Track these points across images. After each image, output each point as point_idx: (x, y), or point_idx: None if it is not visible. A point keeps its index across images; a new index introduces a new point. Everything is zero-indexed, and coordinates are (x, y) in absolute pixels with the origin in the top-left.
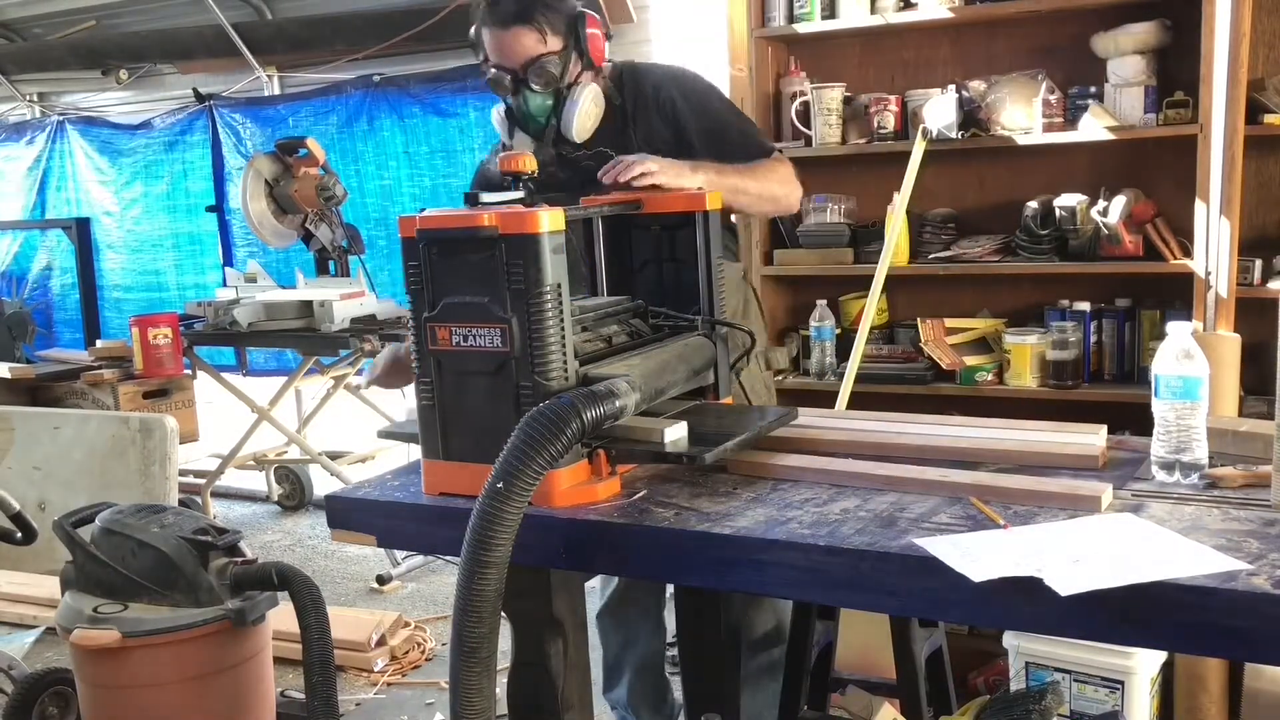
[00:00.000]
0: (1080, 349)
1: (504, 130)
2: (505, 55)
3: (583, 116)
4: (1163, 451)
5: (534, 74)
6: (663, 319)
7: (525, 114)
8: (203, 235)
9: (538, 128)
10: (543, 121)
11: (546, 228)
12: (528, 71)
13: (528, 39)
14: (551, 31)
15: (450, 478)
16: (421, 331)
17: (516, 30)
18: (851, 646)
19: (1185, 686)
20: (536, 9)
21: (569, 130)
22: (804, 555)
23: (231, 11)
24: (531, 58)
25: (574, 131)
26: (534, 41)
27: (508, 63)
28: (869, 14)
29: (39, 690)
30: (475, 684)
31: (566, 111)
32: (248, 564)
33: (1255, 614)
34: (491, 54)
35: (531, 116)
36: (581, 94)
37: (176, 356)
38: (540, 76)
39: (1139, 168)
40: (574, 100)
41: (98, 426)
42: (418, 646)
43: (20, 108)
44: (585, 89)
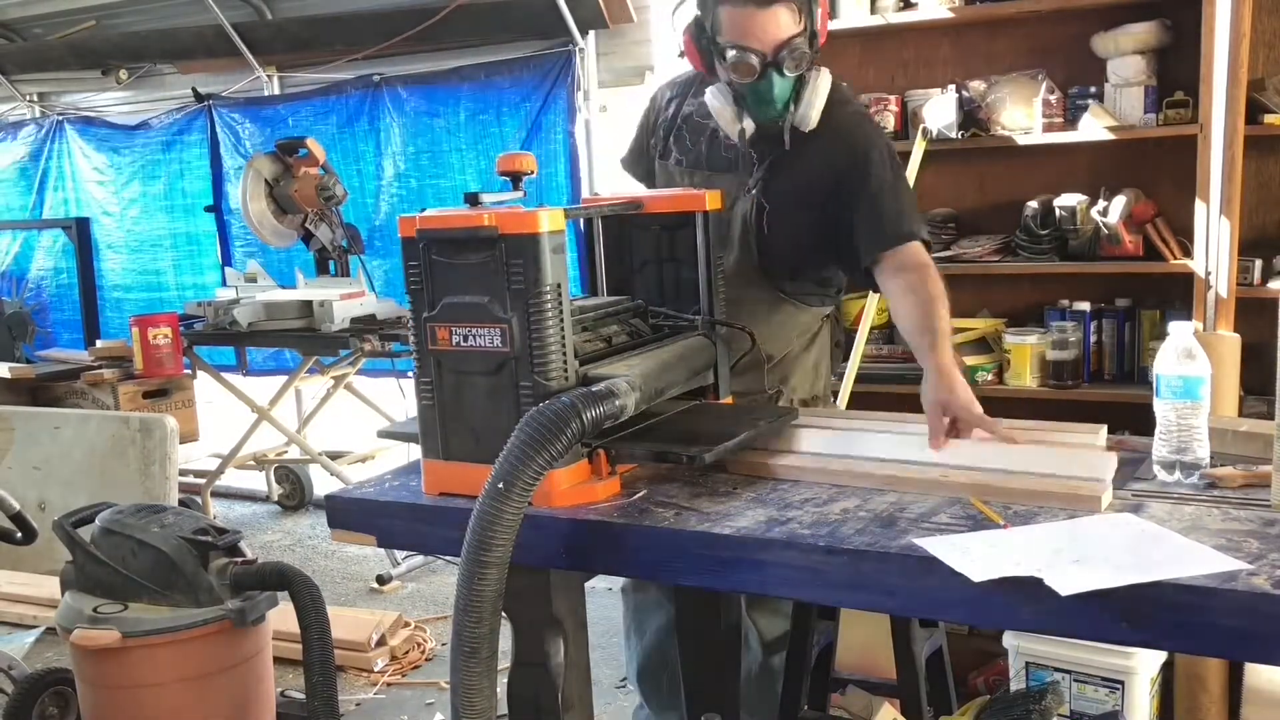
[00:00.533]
0: (1080, 349)
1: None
2: (757, 36)
3: (818, 106)
4: (1164, 451)
5: (788, 58)
6: (663, 319)
7: (767, 99)
8: (202, 235)
9: (774, 115)
10: (780, 109)
11: (546, 228)
12: (779, 54)
13: (785, 18)
14: (802, 10)
15: (450, 478)
16: (421, 331)
17: (776, 9)
18: (851, 646)
19: (1185, 686)
20: None
21: (805, 120)
22: (804, 555)
23: (231, 11)
24: (785, 39)
25: (810, 121)
26: (790, 21)
27: (757, 44)
28: (869, 14)
29: (39, 690)
30: (476, 684)
31: (806, 100)
32: (248, 564)
33: (1255, 614)
34: (736, 33)
35: (774, 102)
36: (820, 82)
37: (176, 356)
38: (794, 59)
39: (1139, 168)
40: (814, 88)
41: (98, 426)
42: (418, 646)
43: (20, 108)
44: (822, 75)
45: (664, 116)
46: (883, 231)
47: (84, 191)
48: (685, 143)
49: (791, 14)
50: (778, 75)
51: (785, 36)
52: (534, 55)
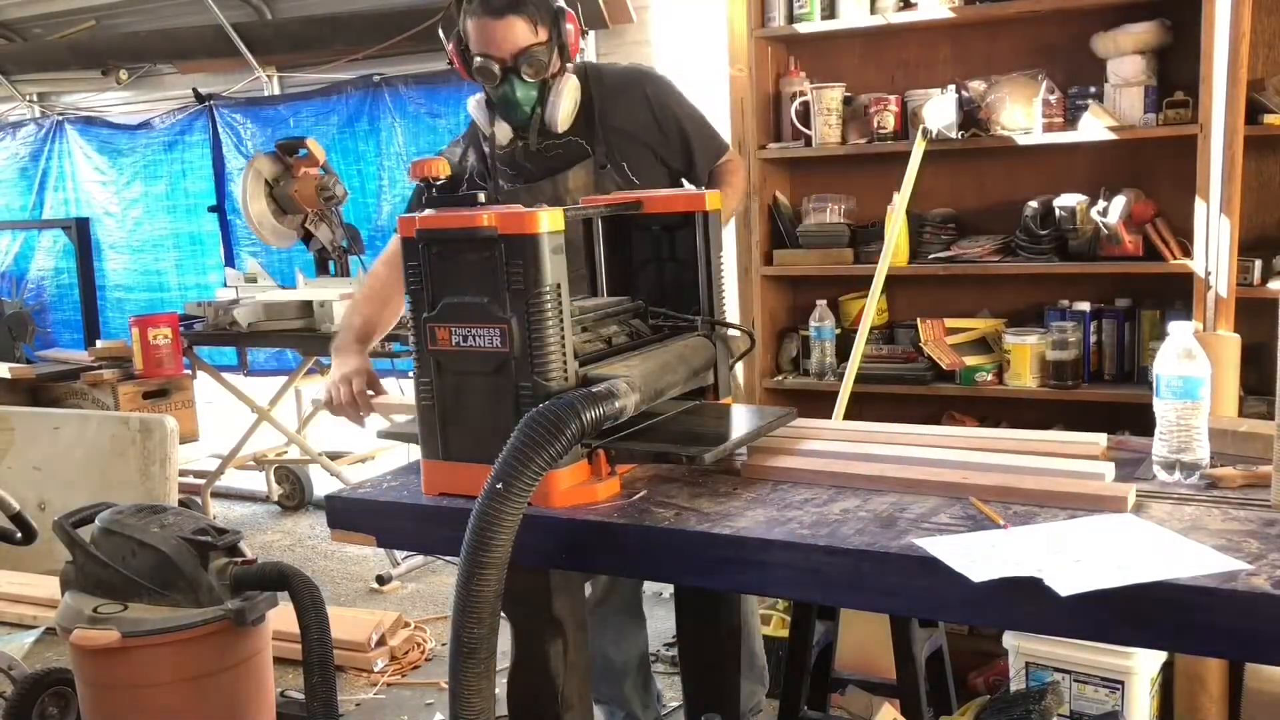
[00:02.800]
0: (1080, 349)
1: (484, 119)
2: (496, 45)
3: (566, 106)
4: (1164, 451)
5: (525, 63)
6: (662, 319)
7: (511, 103)
8: (203, 235)
9: (523, 118)
10: (528, 111)
11: (546, 228)
12: (518, 61)
13: (520, 28)
14: (540, 23)
15: (450, 478)
16: (421, 332)
17: (510, 19)
18: (851, 646)
19: (1185, 686)
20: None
21: (553, 120)
22: (804, 555)
23: (231, 11)
24: (522, 47)
25: (559, 121)
26: (526, 31)
27: (497, 52)
28: (869, 14)
29: (39, 690)
30: (475, 684)
31: (551, 102)
32: (248, 564)
33: (1255, 614)
34: (479, 44)
35: (518, 105)
36: (565, 85)
37: (176, 356)
38: (531, 66)
39: (1139, 168)
40: (558, 91)
41: (98, 426)
42: (417, 646)
43: (20, 108)
44: (567, 80)
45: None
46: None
47: (84, 192)
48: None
49: (528, 24)
50: (517, 79)
51: (522, 45)
52: None
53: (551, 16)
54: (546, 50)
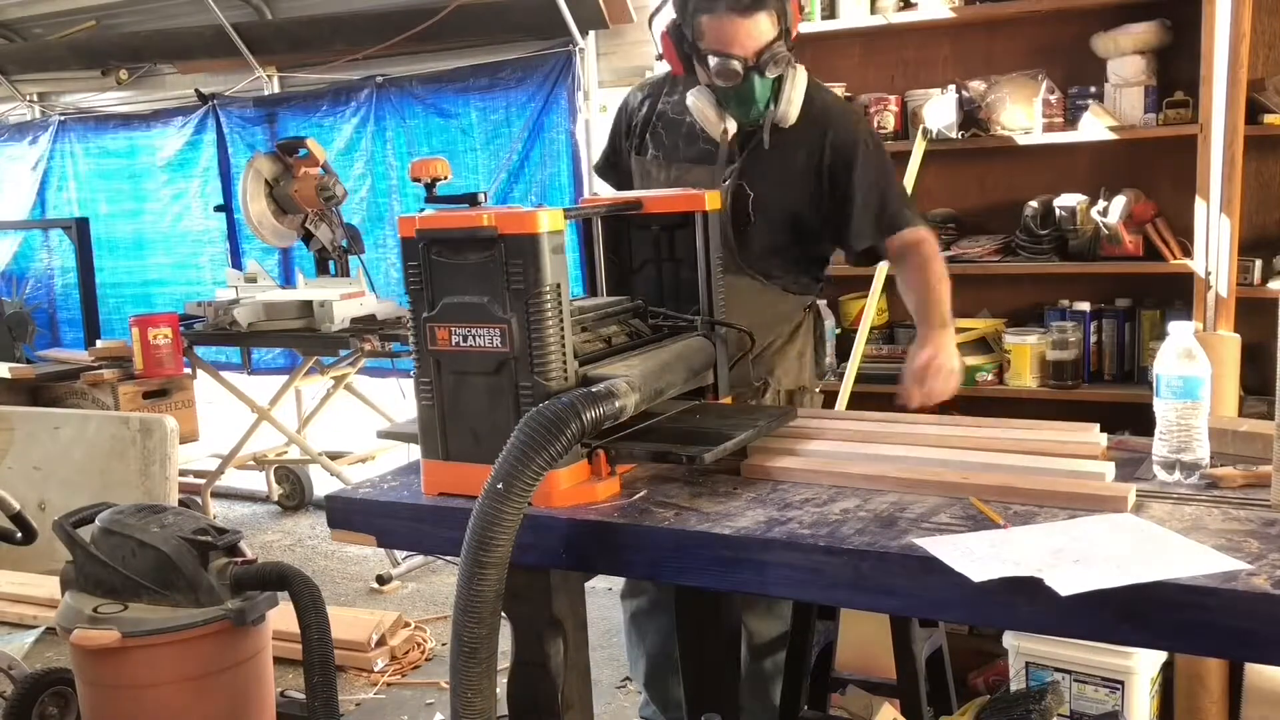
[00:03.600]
0: (1080, 349)
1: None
2: (739, 42)
3: (797, 103)
4: (1164, 451)
5: (770, 61)
6: (662, 319)
7: (750, 101)
8: (204, 235)
9: (757, 115)
10: (763, 108)
11: (545, 228)
12: (761, 59)
13: (766, 25)
14: (781, 14)
15: (450, 478)
16: (421, 331)
17: (757, 16)
18: (851, 646)
19: (1185, 686)
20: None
21: (785, 117)
22: (804, 555)
23: (231, 11)
24: (765, 44)
25: (790, 118)
26: (770, 27)
27: (739, 50)
28: (869, 14)
29: (39, 690)
30: (475, 684)
31: (785, 97)
32: (248, 564)
33: (1255, 614)
34: (718, 42)
35: (754, 103)
36: (797, 79)
37: (176, 356)
38: (776, 63)
39: (1139, 168)
40: (792, 85)
41: (98, 426)
42: (418, 646)
43: (20, 108)
44: (799, 73)
45: (638, 117)
46: (886, 221)
47: (85, 191)
48: (661, 139)
49: (771, 20)
50: (759, 78)
51: (765, 41)
52: (534, 55)
53: (783, 5)
54: (783, 43)
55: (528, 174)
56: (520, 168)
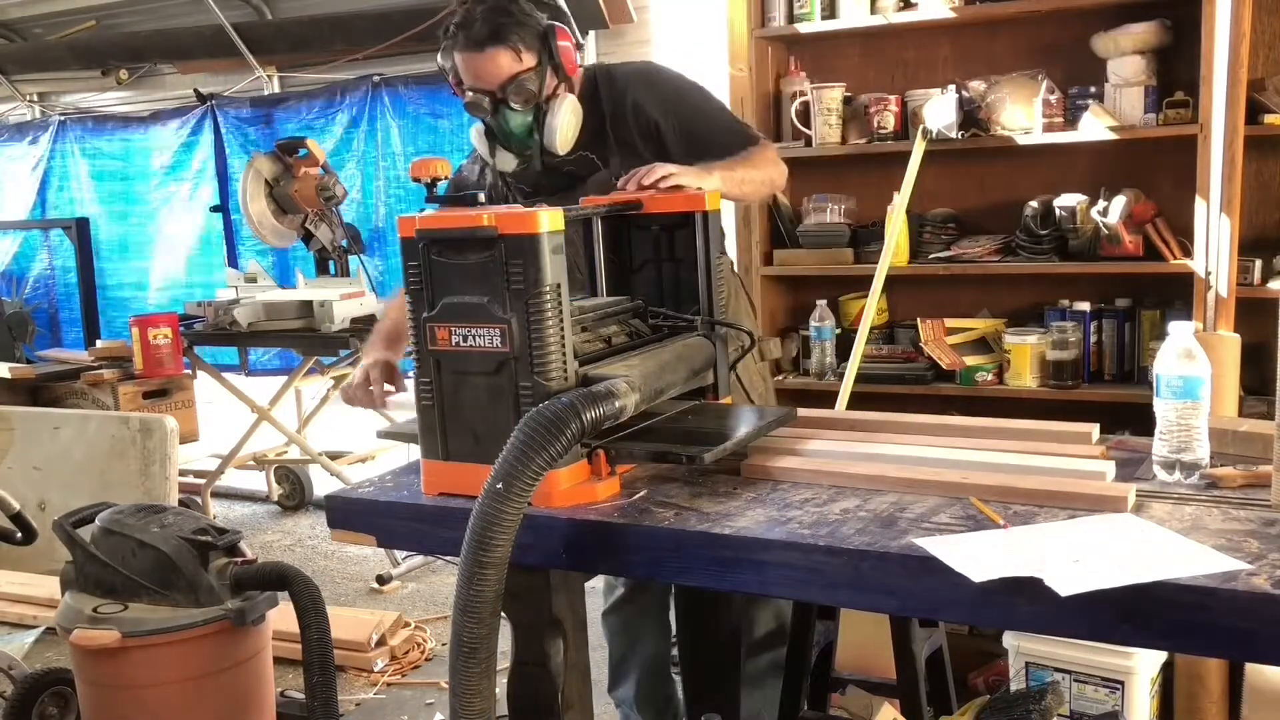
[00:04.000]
0: (1080, 349)
1: (485, 149)
2: (481, 78)
3: (564, 129)
4: (1164, 451)
5: (513, 93)
6: (662, 319)
7: (507, 132)
8: (204, 235)
9: (520, 144)
10: (525, 138)
11: (546, 228)
12: (506, 91)
13: (503, 59)
14: (525, 49)
15: (450, 478)
16: (421, 331)
17: (491, 52)
18: (851, 646)
19: (1185, 686)
20: (509, 28)
21: (552, 144)
22: (804, 555)
23: (231, 11)
24: (508, 77)
25: (557, 144)
26: (509, 61)
27: (484, 85)
28: (869, 14)
29: (39, 690)
30: (475, 684)
31: (548, 126)
32: (248, 564)
33: (1255, 614)
34: (466, 78)
35: (513, 134)
36: (561, 107)
37: (176, 356)
38: (520, 95)
39: (1139, 168)
40: (554, 114)
41: (98, 426)
42: (418, 646)
43: (20, 108)
44: (564, 102)
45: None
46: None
47: (85, 191)
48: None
49: (511, 54)
50: (508, 110)
51: (507, 75)
52: None
53: (539, 38)
54: (536, 75)
55: None
56: None
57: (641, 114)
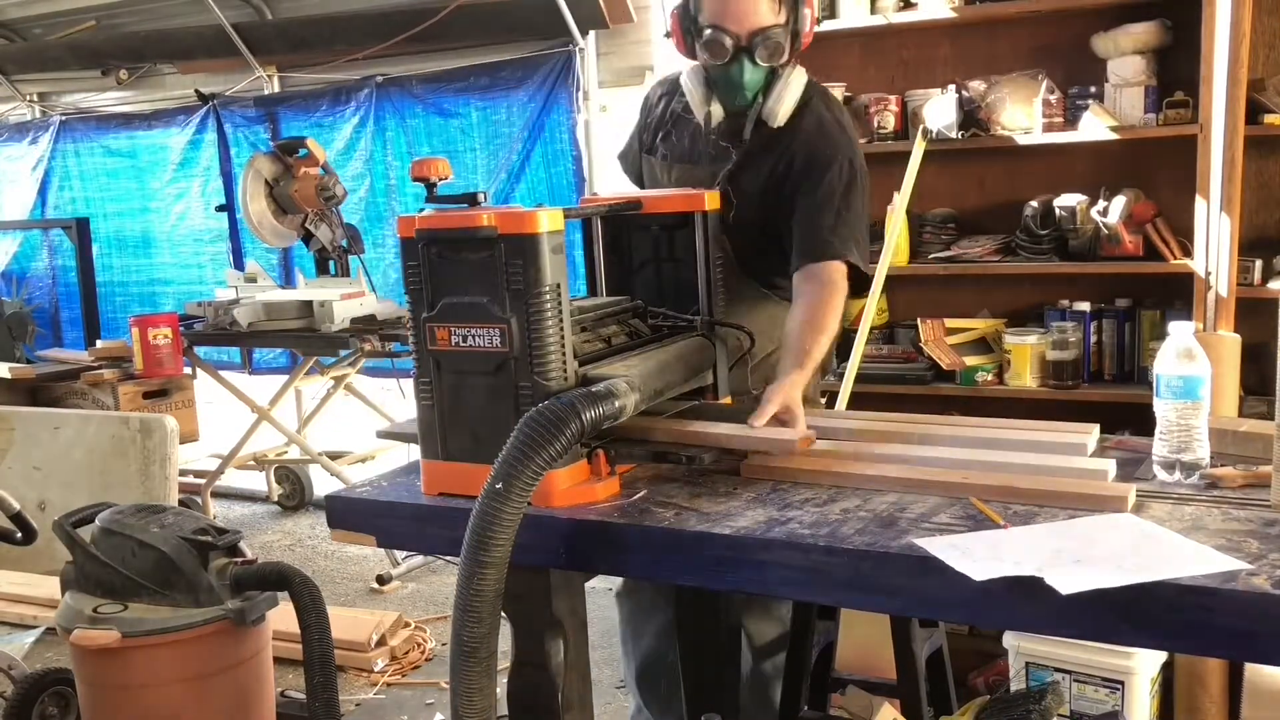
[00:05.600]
0: (1080, 349)
1: (700, 93)
2: (734, 18)
3: (787, 102)
4: (1164, 451)
5: (761, 44)
6: (662, 319)
7: (736, 84)
8: (203, 235)
9: (743, 103)
10: (750, 98)
11: (545, 228)
12: (753, 41)
13: (763, 5)
14: (783, 4)
15: (449, 478)
16: (421, 332)
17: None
18: (851, 646)
19: (1185, 686)
20: None
21: (773, 115)
22: (804, 555)
23: (231, 11)
24: (761, 27)
25: (778, 117)
26: (769, 10)
27: (734, 26)
28: (869, 14)
29: (39, 690)
30: (475, 684)
31: (775, 94)
32: (248, 564)
33: (1255, 614)
34: (714, 14)
35: (742, 89)
36: (793, 77)
37: (176, 356)
38: (766, 48)
39: (1139, 168)
40: (786, 82)
41: (98, 426)
42: (418, 646)
43: (20, 108)
44: (796, 73)
45: (654, 114)
46: (812, 242)
47: (85, 191)
48: (671, 138)
49: (771, 3)
50: (749, 62)
51: (762, 24)
52: (534, 55)
53: None
54: (784, 33)
55: (528, 174)
56: (520, 168)
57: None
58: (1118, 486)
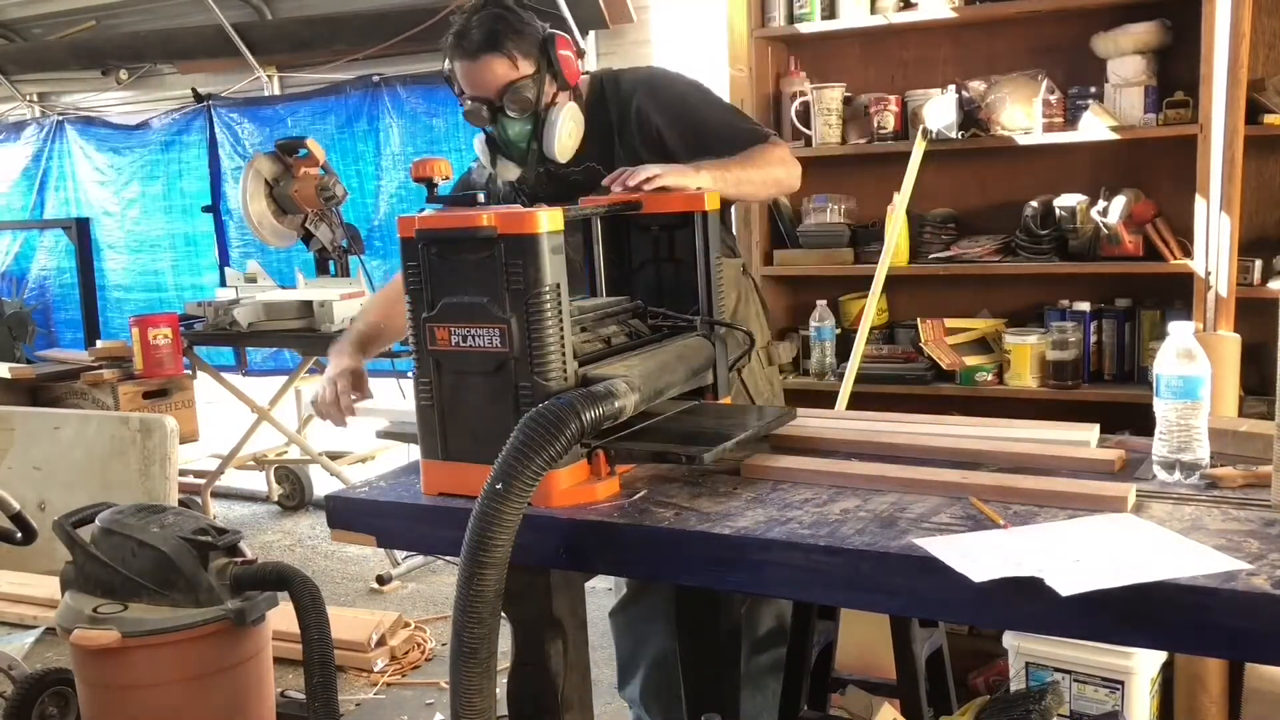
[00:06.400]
0: (1080, 349)
1: (486, 157)
2: (478, 85)
3: (563, 137)
4: (1164, 451)
5: (509, 101)
6: (661, 319)
7: (506, 140)
8: (199, 235)
9: (520, 152)
10: (524, 146)
11: (545, 228)
12: (503, 99)
13: (499, 67)
14: (522, 56)
15: (449, 478)
16: (420, 332)
17: (486, 59)
18: (851, 646)
19: (1185, 686)
20: (504, 36)
21: (551, 152)
22: (804, 555)
23: (231, 11)
24: (504, 85)
25: (556, 152)
26: (505, 69)
27: (482, 92)
28: (869, 14)
29: (39, 690)
30: (475, 684)
31: (546, 134)
32: (248, 564)
33: (1255, 614)
34: (465, 86)
35: (512, 143)
36: (560, 115)
37: (176, 356)
38: (516, 102)
39: (1139, 168)
40: (552, 122)
41: (98, 426)
42: (418, 646)
43: (20, 108)
44: (563, 110)
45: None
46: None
47: (84, 192)
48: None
49: (507, 61)
50: (506, 118)
51: (503, 82)
52: None
53: (538, 46)
54: (534, 82)
55: None
56: None
57: (646, 121)
58: (1118, 487)
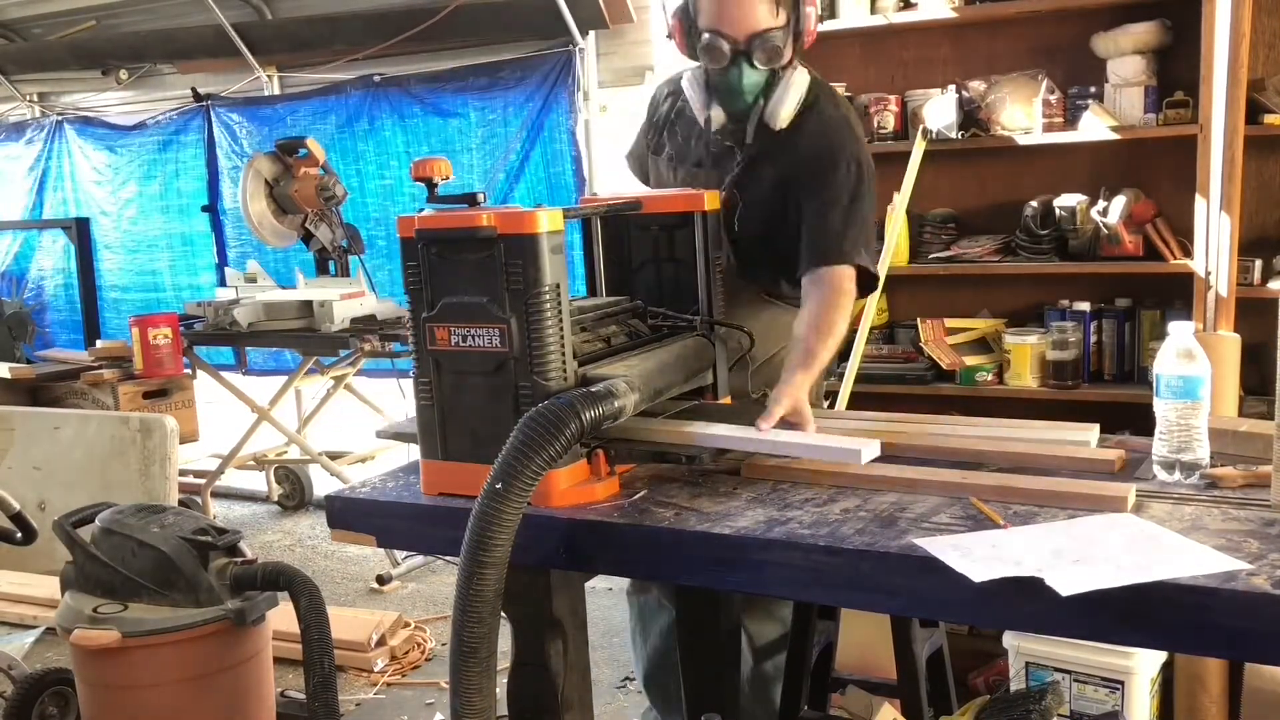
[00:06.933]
0: (1080, 349)
1: (700, 98)
2: (731, 22)
3: (790, 104)
4: (1164, 451)
5: (759, 48)
6: (661, 319)
7: (735, 89)
8: (197, 235)
9: (744, 106)
10: (750, 101)
11: (545, 228)
12: (751, 44)
13: (761, 8)
14: (782, 4)
15: (449, 478)
16: (420, 331)
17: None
18: (851, 646)
19: (1185, 686)
20: None
21: (774, 117)
22: (804, 555)
23: (231, 11)
24: (759, 30)
25: (780, 119)
26: (767, 13)
27: (731, 31)
28: (869, 14)
29: (39, 690)
30: (475, 684)
31: (777, 96)
32: (248, 564)
33: (1255, 614)
34: (712, 18)
35: (741, 93)
36: (794, 79)
37: (176, 356)
38: (765, 51)
39: (1139, 168)
40: (786, 85)
41: (98, 426)
42: (418, 646)
43: (20, 108)
44: (799, 74)
45: (660, 113)
46: (821, 246)
47: (83, 191)
48: (677, 138)
49: (769, 5)
50: (747, 65)
51: (760, 27)
52: (534, 55)
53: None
54: (783, 35)
55: (528, 174)
56: (520, 168)
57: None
58: (1118, 486)
